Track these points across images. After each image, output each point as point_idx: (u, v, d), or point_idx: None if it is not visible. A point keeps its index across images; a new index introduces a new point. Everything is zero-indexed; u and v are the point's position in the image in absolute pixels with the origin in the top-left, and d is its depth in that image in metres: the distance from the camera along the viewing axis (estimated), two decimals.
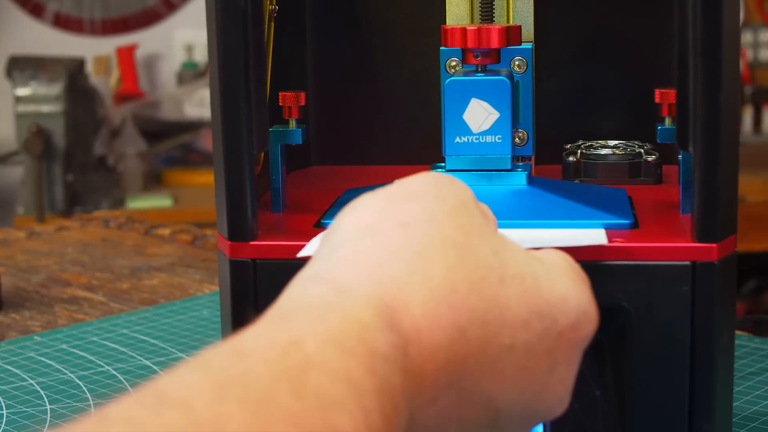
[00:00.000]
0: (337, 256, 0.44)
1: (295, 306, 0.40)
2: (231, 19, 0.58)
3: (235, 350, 0.37)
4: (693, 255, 0.57)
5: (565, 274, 0.47)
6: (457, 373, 0.42)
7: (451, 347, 0.42)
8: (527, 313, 0.44)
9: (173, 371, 0.35)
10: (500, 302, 0.43)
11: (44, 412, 0.78)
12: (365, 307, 0.40)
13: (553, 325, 0.45)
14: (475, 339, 0.42)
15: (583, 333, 0.46)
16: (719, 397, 0.58)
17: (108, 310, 1.04)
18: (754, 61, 2.87)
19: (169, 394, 0.34)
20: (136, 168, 2.62)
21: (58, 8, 3.08)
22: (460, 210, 0.46)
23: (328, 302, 0.40)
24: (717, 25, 0.55)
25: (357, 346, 0.38)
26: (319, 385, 0.35)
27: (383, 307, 0.41)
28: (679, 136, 0.58)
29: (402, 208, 0.45)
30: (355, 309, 0.40)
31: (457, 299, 0.42)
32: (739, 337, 0.87)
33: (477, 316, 0.43)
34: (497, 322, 0.43)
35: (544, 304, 0.45)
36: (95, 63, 2.94)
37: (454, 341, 0.42)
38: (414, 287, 0.42)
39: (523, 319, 0.44)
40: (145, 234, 1.37)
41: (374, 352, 0.38)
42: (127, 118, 2.67)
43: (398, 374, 0.39)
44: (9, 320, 1.02)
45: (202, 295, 1.08)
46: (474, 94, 0.61)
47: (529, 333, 0.44)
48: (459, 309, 0.42)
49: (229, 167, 0.59)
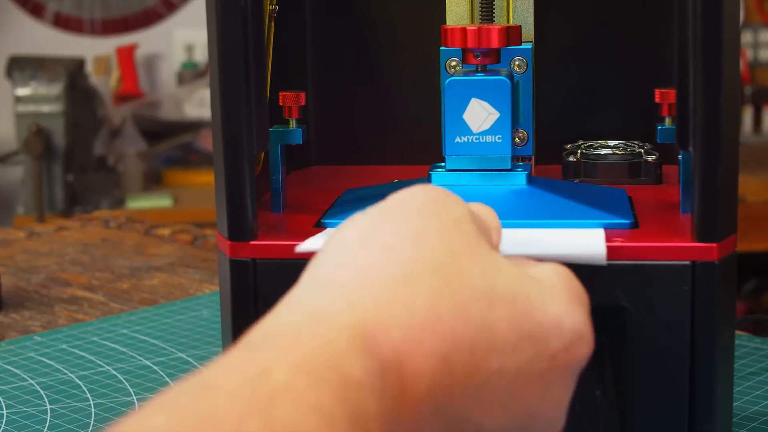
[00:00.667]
0: (318, 280, 0.42)
1: (265, 335, 0.39)
2: (231, 19, 0.58)
3: (202, 386, 0.36)
4: (693, 255, 0.57)
5: (560, 294, 0.45)
6: (443, 401, 0.41)
7: (435, 375, 0.40)
8: (517, 336, 0.43)
9: (139, 412, 0.34)
10: (488, 326, 0.42)
11: (44, 412, 0.78)
12: (339, 332, 0.39)
13: (544, 348, 0.43)
14: (460, 366, 0.41)
15: (577, 355, 0.45)
16: (719, 397, 0.58)
17: (108, 310, 1.04)
18: (754, 61, 2.87)
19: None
20: (136, 168, 2.62)
21: (58, 8, 3.09)
22: (451, 228, 0.44)
23: (299, 328, 0.39)
24: (717, 25, 0.55)
25: (329, 374, 0.37)
26: (289, 416, 0.34)
27: (360, 331, 0.39)
28: (679, 136, 0.58)
29: (389, 228, 0.44)
30: (329, 334, 0.38)
31: (441, 326, 0.41)
32: (739, 337, 0.87)
33: (463, 342, 0.41)
34: (484, 347, 0.42)
35: (536, 327, 0.43)
36: (95, 63, 2.95)
37: (438, 369, 0.40)
38: (395, 313, 0.40)
39: (513, 343, 0.42)
40: (145, 234, 1.37)
41: (347, 378, 0.37)
42: (127, 118, 2.67)
43: (374, 401, 0.37)
44: (9, 320, 1.02)
45: (202, 295, 1.08)
46: (474, 94, 0.61)
47: (519, 357, 0.43)
48: (443, 336, 0.41)
49: (229, 167, 0.59)
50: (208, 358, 0.88)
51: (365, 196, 0.65)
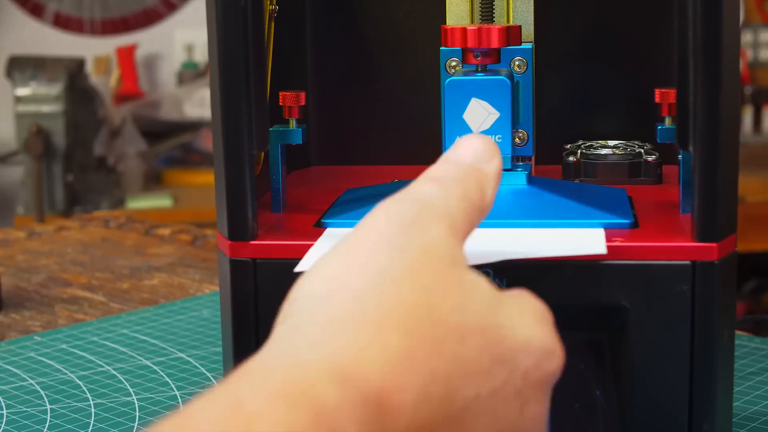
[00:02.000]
0: (290, 327, 0.43)
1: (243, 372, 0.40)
2: (231, 19, 0.58)
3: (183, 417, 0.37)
4: (693, 255, 0.57)
5: (527, 317, 0.47)
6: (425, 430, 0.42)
7: (416, 407, 0.41)
8: (489, 362, 0.44)
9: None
10: (460, 358, 0.43)
11: (44, 412, 0.78)
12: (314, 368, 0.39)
13: (516, 369, 0.45)
14: (438, 397, 0.42)
15: (547, 371, 0.46)
16: (719, 396, 0.58)
17: (108, 310, 1.04)
18: (754, 61, 2.87)
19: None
20: (136, 168, 2.62)
21: (58, 8, 3.09)
22: (420, 262, 0.44)
23: (273, 365, 0.40)
24: (717, 25, 0.55)
25: (303, 400, 0.37)
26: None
27: (338, 369, 0.40)
28: (679, 136, 0.58)
29: (357, 271, 0.44)
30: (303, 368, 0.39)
31: (416, 363, 0.42)
32: (739, 337, 0.87)
33: (438, 375, 0.42)
34: (459, 376, 0.43)
35: (506, 351, 0.45)
36: (95, 63, 2.95)
37: (417, 401, 0.41)
38: (370, 355, 0.41)
39: (486, 368, 0.44)
40: (145, 234, 1.37)
41: (322, 404, 0.38)
42: (127, 118, 2.67)
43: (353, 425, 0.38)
44: (9, 320, 1.02)
45: (202, 295, 1.08)
46: (474, 94, 0.61)
47: (493, 380, 0.44)
48: (418, 372, 0.42)
49: (229, 167, 0.59)
50: (208, 358, 0.88)
51: (365, 196, 0.65)
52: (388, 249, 0.44)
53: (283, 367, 0.39)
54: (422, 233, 0.45)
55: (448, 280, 0.45)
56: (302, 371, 0.39)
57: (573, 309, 0.56)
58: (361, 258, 0.44)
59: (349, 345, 0.41)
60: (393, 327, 0.42)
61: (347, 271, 0.44)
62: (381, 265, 0.44)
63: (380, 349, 0.41)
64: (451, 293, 0.44)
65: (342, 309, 0.43)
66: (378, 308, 0.42)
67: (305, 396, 0.38)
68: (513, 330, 0.45)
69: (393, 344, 0.42)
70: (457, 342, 0.43)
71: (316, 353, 0.40)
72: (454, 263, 0.45)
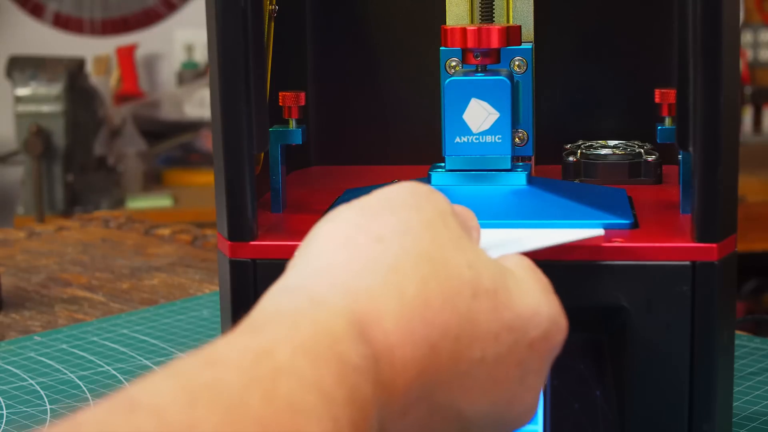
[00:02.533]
0: (312, 268, 0.44)
1: (267, 316, 0.41)
2: (231, 19, 0.58)
3: (206, 358, 0.37)
4: (693, 255, 0.57)
5: (535, 287, 0.47)
6: (429, 386, 0.42)
7: (423, 362, 0.42)
8: (498, 326, 0.45)
9: (144, 379, 0.36)
10: (472, 316, 0.44)
11: (44, 412, 0.78)
12: (338, 319, 0.40)
13: (523, 337, 0.45)
14: (446, 353, 0.43)
15: (553, 343, 0.47)
16: (719, 397, 0.58)
17: (108, 310, 1.04)
18: (754, 61, 2.87)
19: (140, 400, 0.34)
20: (136, 168, 2.62)
21: (58, 8, 3.08)
22: (436, 221, 0.46)
23: (301, 312, 0.40)
24: (717, 25, 0.55)
25: (329, 356, 0.38)
26: (290, 392, 0.36)
27: (356, 319, 0.41)
28: (679, 136, 0.58)
29: (378, 220, 0.45)
30: (328, 320, 0.40)
31: (430, 314, 0.42)
32: (739, 337, 0.87)
33: (449, 331, 0.43)
34: (469, 336, 0.43)
35: (515, 318, 0.45)
36: (95, 63, 2.94)
37: (426, 356, 0.42)
38: (388, 301, 0.42)
39: (494, 332, 0.44)
40: (145, 234, 1.37)
41: (346, 362, 0.38)
42: (127, 118, 2.67)
43: (369, 385, 0.39)
44: (9, 320, 1.02)
45: (202, 295, 1.08)
46: (474, 94, 0.61)
47: (500, 345, 0.45)
48: (431, 324, 0.42)
49: (229, 167, 0.59)
50: None
51: None
52: (407, 207, 0.46)
53: (308, 315, 0.40)
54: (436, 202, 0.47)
55: (462, 242, 0.46)
56: (326, 321, 0.40)
57: (573, 309, 0.56)
58: (380, 213, 0.45)
59: (366, 290, 0.42)
60: (409, 274, 0.43)
61: (368, 220, 0.45)
62: (400, 218, 0.45)
63: (395, 296, 0.42)
64: (465, 252, 0.45)
65: (361, 250, 0.44)
66: (395, 254, 0.43)
67: (330, 352, 0.38)
68: (522, 297, 0.46)
69: (408, 291, 0.42)
70: (471, 298, 0.44)
71: (337, 299, 0.41)
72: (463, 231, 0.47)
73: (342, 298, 0.41)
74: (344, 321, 0.40)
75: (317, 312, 0.40)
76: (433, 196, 0.47)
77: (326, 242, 0.45)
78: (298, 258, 0.45)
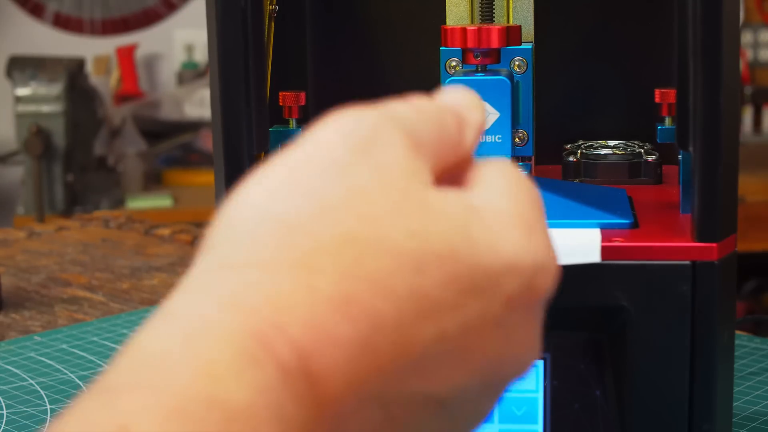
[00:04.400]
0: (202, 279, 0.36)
1: (129, 369, 0.33)
2: (231, 19, 0.58)
3: None
4: (693, 255, 0.57)
5: (512, 226, 0.40)
6: (372, 386, 0.36)
7: (353, 363, 0.35)
8: (455, 294, 0.37)
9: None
10: (416, 294, 0.36)
11: (44, 412, 0.78)
12: (222, 350, 0.33)
13: (495, 295, 0.38)
14: (386, 346, 0.36)
15: (539, 292, 0.40)
16: (719, 397, 0.58)
17: (108, 310, 1.04)
18: (754, 61, 2.87)
19: None
20: (136, 168, 2.62)
21: (58, 8, 3.09)
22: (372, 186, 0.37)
23: (170, 356, 0.33)
24: (717, 25, 0.55)
25: (206, 411, 0.31)
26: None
27: (250, 338, 0.33)
28: (679, 136, 0.58)
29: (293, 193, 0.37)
30: (209, 354, 0.33)
31: (354, 308, 0.35)
32: (739, 337, 0.87)
33: (385, 320, 0.36)
34: (414, 316, 0.36)
35: (482, 278, 0.38)
36: (95, 63, 2.95)
37: (355, 356, 0.35)
38: (295, 304, 0.35)
39: (451, 302, 0.37)
40: (145, 234, 1.37)
41: (232, 408, 0.32)
42: (127, 118, 2.67)
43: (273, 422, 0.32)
44: (9, 320, 1.02)
45: None
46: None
47: (463, 314, 0.37)
48: (356, 319, 0.35)
49: (229, 167, 0.59)
50: None
51: None
52: (336, 173, 0.37)
53: (182, 357, 0.33)
54: (378, 149, 0.39)
55: (406, 203, 0.38)
56: (205, 357, 0.33)
57: (573, 309, 0.56)
58: (300, 182, 0.37)
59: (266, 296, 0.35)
60: (323, 266, 0.35)
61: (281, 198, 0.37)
62: (322, 191, 0.37)
63: (306, 294, 0.35)
64: (408, 217, 0.37)
65: (269, 244, 0.36)
66: (310, 245, 0.36)
67: (208, 404, 0.32)
68: (493, 249, 0.38)
69: (322, 288, 0.35)
70: (414, 272, 0.36)
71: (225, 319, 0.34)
72: (414, 183, 0.38)
73: (232, 316, 0.34)
74: (231, 350, 0.33)
75: (194, 348, 0.33)
76: (375, 141, 0.39)
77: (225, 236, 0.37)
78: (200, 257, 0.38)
